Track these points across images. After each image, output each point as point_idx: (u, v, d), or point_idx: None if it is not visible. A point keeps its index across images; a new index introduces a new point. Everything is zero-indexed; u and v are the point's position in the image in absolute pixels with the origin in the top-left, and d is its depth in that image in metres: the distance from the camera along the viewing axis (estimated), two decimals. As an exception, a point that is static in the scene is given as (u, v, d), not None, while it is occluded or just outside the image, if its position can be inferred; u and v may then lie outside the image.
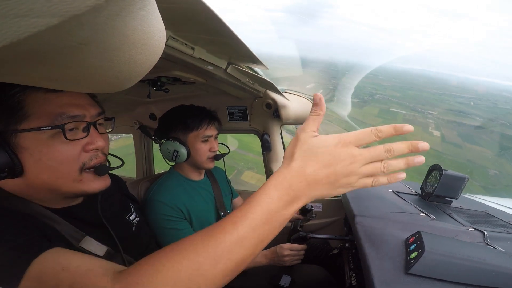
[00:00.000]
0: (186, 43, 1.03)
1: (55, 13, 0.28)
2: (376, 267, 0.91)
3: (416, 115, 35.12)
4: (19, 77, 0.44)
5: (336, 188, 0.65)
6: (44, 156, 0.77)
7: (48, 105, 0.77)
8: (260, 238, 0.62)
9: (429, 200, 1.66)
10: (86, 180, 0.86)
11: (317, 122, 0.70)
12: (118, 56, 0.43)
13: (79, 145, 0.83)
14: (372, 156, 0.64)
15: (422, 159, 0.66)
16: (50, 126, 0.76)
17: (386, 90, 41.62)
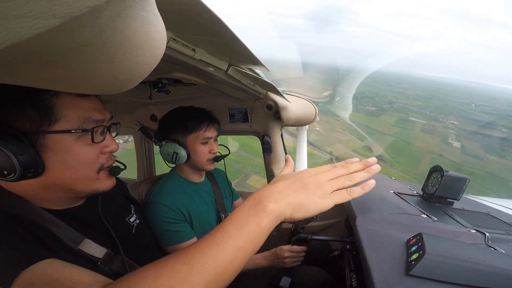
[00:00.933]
0: (187, 44, 1.03)
1: (56, 15, 0.28)
2: (377, 269, 0.90)
3: (436, 125, 34.47)
4: (21, 79, 0.44)
5: (312, 195, 0.74)
6: (70, 157, 0.82)
7: (76, 109, 0.82)
8: (236, 244, 0.65)
9: (430, 201, 1.65)
10: (101, 179, 0.93)
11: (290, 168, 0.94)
12: (119, 58, 0.43)
13: (99, 147, 0.90)
14: (334, 173, 0.78)
15: (378, 167, 0.86)
16: (81, 129, 0.82)
17: (407, 99, 40.96)
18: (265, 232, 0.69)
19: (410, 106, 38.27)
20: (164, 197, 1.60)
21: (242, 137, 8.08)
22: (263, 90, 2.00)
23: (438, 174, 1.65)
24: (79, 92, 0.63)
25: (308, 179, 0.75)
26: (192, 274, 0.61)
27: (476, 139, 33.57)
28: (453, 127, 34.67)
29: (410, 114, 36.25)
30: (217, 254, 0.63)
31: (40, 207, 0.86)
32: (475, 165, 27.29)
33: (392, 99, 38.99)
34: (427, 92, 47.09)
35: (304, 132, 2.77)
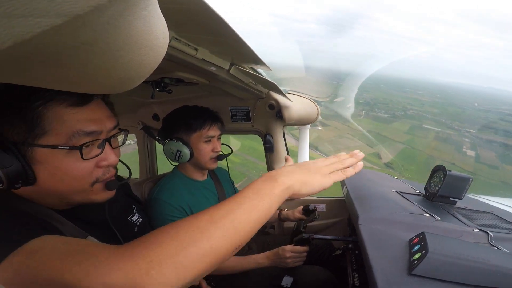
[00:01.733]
0: (189, 44, 1.03)
1: (59, 13, 0.28)
2: (379, 268, 0.90)
3: (451, 133, 33.68)
4: (23, 78, 0.44)
5: (315, 174, 0.87)
6: (59, 171, 0.78)
7: (66, 122, 0.76)
8: (252, 204, 0.73)
9: (433, 200, 1.65)
10: (96, 191, 0.88)
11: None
12: (122, 57, 0.43)
13: (93, 161, 0.84)
14: (330, 161, 0.94)
15: (361, 153, 0.99)
16: (68, 146, 0.76)
17: (422, 106, 40.03)
18: (278, 200, 0.78)
19: (425, 113, 37.42)
20: (167, 195, 1.61)
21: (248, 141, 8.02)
22: (265, 89, 2.00)
23: (441, 173, 1.64)
24: (81, 92, 0.62)
25: (309, 165, 0.90)
26: (210, 227, 0.65)
27: (492, 147, 32.96)
28: (469, 135, 33.82)
29: (424, 121, 35.54)
30: (235, 210, 0.70)
31: (44, 207, 0.86)
32: (489, 174, 26.89)
33: (406, 106, 38.32)
34: (444, 99, 45.80)
35: (306, 131, 2.77)
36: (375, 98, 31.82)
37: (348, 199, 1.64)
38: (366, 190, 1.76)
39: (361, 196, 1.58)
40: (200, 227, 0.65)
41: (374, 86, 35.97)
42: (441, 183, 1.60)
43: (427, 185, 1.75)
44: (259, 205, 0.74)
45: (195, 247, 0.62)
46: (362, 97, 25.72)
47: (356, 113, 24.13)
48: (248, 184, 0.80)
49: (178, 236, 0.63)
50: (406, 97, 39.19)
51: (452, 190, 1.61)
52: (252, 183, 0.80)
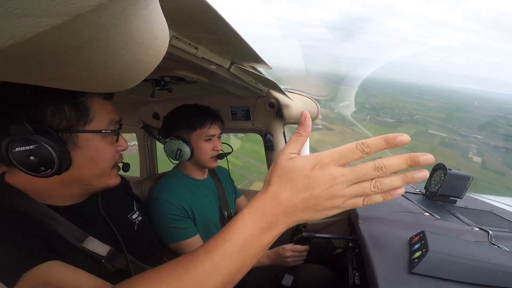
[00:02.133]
0: (189, 42, 1.03)
1: (60, 13, 0.28)
2: (380, 267, 0.90)
3: (457, 138, 33.19)
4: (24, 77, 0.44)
5: (320, 212, 0.60)
6: (96, 155, 0.89)
7: (104, 111, 0.90)
8: (236, 265, 0.60)
9: (433, 199, 1.65)
10: (113, 175, 1.00)
11: (298, 143, 0.65)
12: (122, 56, 0.43)
13: (115, 146, 0.97)
14: (357, 177, 0.57)
15: (425, 174, 0.57)
16: (110, 130, 0.91)
17: (429, 111, 39.36)
18: (266, 249, 0.63)
19: (431, 118, 36.74)
20: (167, 194, 1.61)
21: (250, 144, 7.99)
22: (265, 88, 2.00)
23: (441, 172, 1.64)
24: (81, 90, 0.63)
25: (320, 191, 0.58)
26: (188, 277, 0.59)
27: (500, 154, 32.49)
28: (476, 141, 33.28)
29: (430, 126, 34.94)
30: (215, 274, 0.59)
31: (43, 203, 0.87)
32: (494, 180, 26.69)
33: (413, 111, 37.76)
34: (452, 104, 44.69)
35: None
36: (381, 102, 31.52)
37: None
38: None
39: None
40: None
41: (381, 90, 35.52)
42: (441, 182, 1.60)
43: (427, 184, 1.75)
44: (245, 265, 0.62)
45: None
46: (368, 102, 25.52)
47: (361, 118, 24.06)
48: (233, 226, 0.62)
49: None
50: (413, 102, 38.64)
51: (452, 189, 1.62)
52: (237, 228, 0.61)
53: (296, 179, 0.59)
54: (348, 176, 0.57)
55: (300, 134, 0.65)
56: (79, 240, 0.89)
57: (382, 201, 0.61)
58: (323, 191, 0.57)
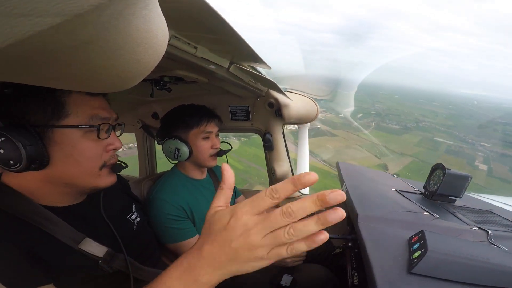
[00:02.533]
0: (188, 42, 1.03)
1: (59, 12, 0.28)
2: (379, 267, 0.90)
3: (463, 146, 32.44)
4: (23, 77, 0.44)
5: (246, 263, 0.59)
6: (75, 151, 0.86)
7: (85, 107, 0.87)
8: None
9: (432, 199, 1.65)
10: (103, 175, 0.95)
11: (222, 196, 0.67)
12: (122, 55, 0.43)
13: (103, 144, 0.94)
14: (270, 225, 0.55)
15: (339, 215, 0.56)
16: (88, 125, 0.87)
17: (436, 118, 38.32)
18: None
19: (438, 125, 35.77)
20: (166, 194, 1.61)
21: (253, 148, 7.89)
22: (264, 87, 2.00)
23: (440, 171, 1.64)
24: (81, 90, 0.63)
25: (237, 242, 0.57)
26: None
27: (507, 162, 31.95)
28: (483, 149, 32.68)
29: (436, 134, 34.36)
30: None
31: (40, 204, 0.87)
32: (499, 188, 26.51)
33: (419, 117, 37.08)
34: (460, 111, 43.54)
35: (305, 130, 2.76)
36: (387, 108, 31.08)
37: (347, 198, 1.64)
38: (365, 188, 1.76)
39: (360, 195, 1.58)
40: None
41: (388, 96, 35.05)
42: (440, 181, 1.61)
43: (426, 183, 1.75)
44: None
45: None
46: (374, 107, 25.16)
47: (366, 124, 23.92)
48: (163, 273, 0.65)
49: None
50: (420, 108, 37.82)
51: (451, 189, 1.62)
52: (166, 274, 0.64)
53: (216, 232, 0.60)
54: (262, 225, 0.56)
55: (222, 188, 0.67)
56: (75, 242, 0.88)
57: (307, 249, 0.59)
58: (239, 242, 0.57)
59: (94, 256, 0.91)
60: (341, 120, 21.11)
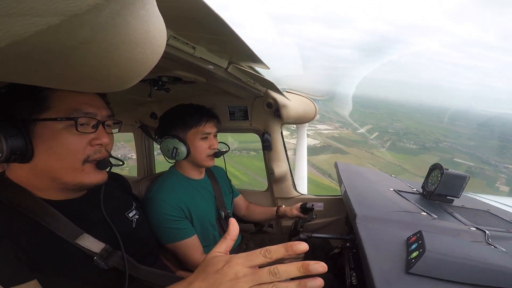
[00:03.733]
0: (187, 42, 1.03)
1: (56, 12, 0.28)
2: (377, 267, 0.90)
3: (485, 168, 31.57)
4: (21, 77, 0.44)
5: None
6: (55, 144, 0.87)
7: (68, 101, 0.89)
8: None
9: (430, 199, 1.66)
10: (87, 171, 0.94)
11: (224, 244, 0.73)
12: (120, 56, 0.43)
13: (87, 138, 0.93)
14: (257, 279, 0.62)
15: (318, 284, 0.62)
16: (66, 118, 0.87)
17: (459, 138, 36.85)
18: None
19: (459, 146, 34.45)
20: (164, 193, 1.61)
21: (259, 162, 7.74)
22: (263, 88, 2.00)
23: (438, 171, 1.65)
24: (79, 90, 0.63)
25: (225, 286, 0.62)
26: None
27: None
28: (506, 171, 31.88)
29: (456, 154, 33.31)
30: None
31: (41, 197, 0.90)
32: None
33: (440, 137, 36.05)
34: (487, 132, 42.07)
35: (304, 130, 2.77)
36: (406, 127, 30.33)
37: (345, 198, 1.64)
38: (363, 188, 1.76)
39: (358, 195, 1.58)
40: None
41: (408, 115, 34.06)
42: (438, 181, 1.61)
43: (424, 183, 1.75)
44: None
45: None
46: (392, 126, 24.69)
47: (380, 144, 23.64)
48: None
49: None
50: (442, 128, 36.49)
51: (449, 189, 1.62)
52: None
53: (210, 273, 0.66)
54: (250, 277, 0.62)
55: (225, 238, 0.74)
56: (72, 236, 0.90)
57: None
58: (227, 286, 0.62)
59: (91, 252, 0.92)
60: (357, 136, 20.92)
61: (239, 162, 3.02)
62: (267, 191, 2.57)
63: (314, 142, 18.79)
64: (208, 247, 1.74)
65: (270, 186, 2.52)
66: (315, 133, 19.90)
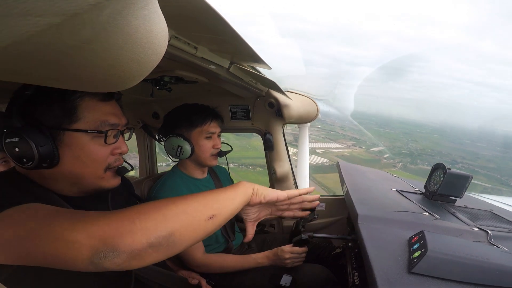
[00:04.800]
0: (189, 42, 1.03)
1: (58, 12, 0.28)
2: (379, 266, 0.90)
3: (503, 189, 30.74)
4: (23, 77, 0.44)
5: None
6: (82, 154, 0.90)
7: (96, 112, 0.92)
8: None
9: (432, 199, 1.65)
10: (107, 177, 0.99)
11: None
12: (121, 55, 0.43)
13: (109, 149, 0.97)
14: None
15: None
16: (97, 131, 0.91)
17: (477, 160, 35.68)
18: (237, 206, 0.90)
19: (477, 167, 33.49)
20: (167, 192, 1.62)
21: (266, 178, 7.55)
22: (264, 87, 2.00)
23: (441, 171, 1.64)
24: (81, 90, 0.64)
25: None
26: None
27: None
28: None
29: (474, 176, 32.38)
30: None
31: (53, 191, 0.92)
32: None
33: (457, 159, 34.91)
34: (509, 153, 40.22)
35: (305, 130, 2.76)
36: (421, 148, 29.63)
37: (347, 198, 1.64)
38: (365, 188, 1.76)
39: (360, 195, 1.58)
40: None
41: (426, 135, 33.21)
42: (441, 181, 1.60)
43: (426, 183, 1.75)
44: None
45: (170, 210, 0.75)
46: (407, 147, 24.22)
47: (391, 164, 23.38)
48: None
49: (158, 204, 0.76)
50: (460, 149, 35.40)
51: (451, 189, 1.61)
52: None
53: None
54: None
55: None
56: None
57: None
58: None
59: None
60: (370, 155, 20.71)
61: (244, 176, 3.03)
62: None
63: (322, 161, 18.75)
64: (210, 246, 1.74)
65: (272, 186, 2.52)
66: (325, 151, 19.84)
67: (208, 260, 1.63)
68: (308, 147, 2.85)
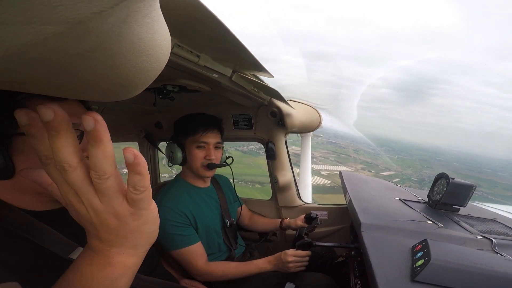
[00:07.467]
0: (191, 50, 1.04)
1: (62, 20, 0.29)
2: (382, 275, 0.90)
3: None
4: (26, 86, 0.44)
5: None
6: (38, 160, 0.79)
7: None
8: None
9: (436, 208, 1.65)
10: None
11: None
12: (124, 64, 0.44)
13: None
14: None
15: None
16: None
17: (495, 188, 34.98)
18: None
19: (492, 195, 32.79)
20: (170, 200, 1.63)
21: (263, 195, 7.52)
22: (267, 96, 2.00)
23: (444, 181, 1.64)
24: (83, 99, 0.63)
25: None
26: None
27: None
28: None
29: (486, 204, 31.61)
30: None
31: (22, 208, 0.84)
32: None
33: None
34: None
35: (308, 139, 2.77)
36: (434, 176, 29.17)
37: (350, 207, 1.63)
38: (368, 197, 1.76)
39: (363, 204, 1.57)
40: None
41: (445, 163, 32.54)
42: (444, 190, 1.60)
43: (429, 192, 1.74)
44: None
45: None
46: (419, 174, 24.10)
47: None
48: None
49: None
50: (479, 177, 34.63)
51: (455, 198, 1.61)
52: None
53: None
54: None
55: None
56: (66, 251, 0.85)
57: None
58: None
59: None
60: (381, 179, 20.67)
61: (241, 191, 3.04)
62: (271, 200, 2.56)
63: (324, 182, 18.67)
64: (212, 255, 1.74)
65: (274, 195, 2.51)
66: (330, 173, 19.76)
67: (210, 268, 1.63)
68: (310, 156, 2.85)
